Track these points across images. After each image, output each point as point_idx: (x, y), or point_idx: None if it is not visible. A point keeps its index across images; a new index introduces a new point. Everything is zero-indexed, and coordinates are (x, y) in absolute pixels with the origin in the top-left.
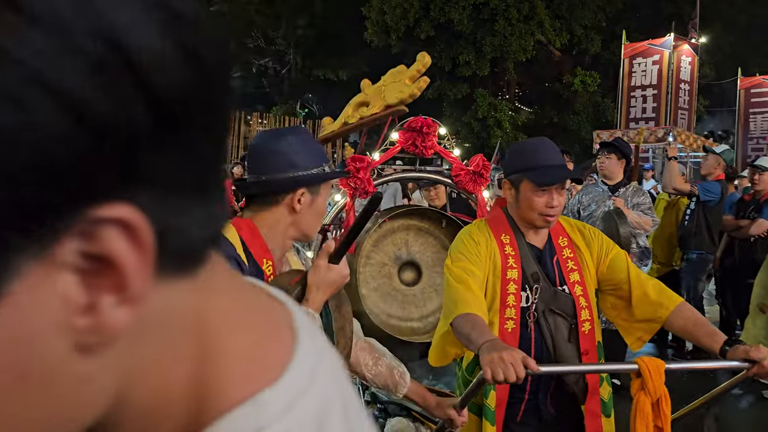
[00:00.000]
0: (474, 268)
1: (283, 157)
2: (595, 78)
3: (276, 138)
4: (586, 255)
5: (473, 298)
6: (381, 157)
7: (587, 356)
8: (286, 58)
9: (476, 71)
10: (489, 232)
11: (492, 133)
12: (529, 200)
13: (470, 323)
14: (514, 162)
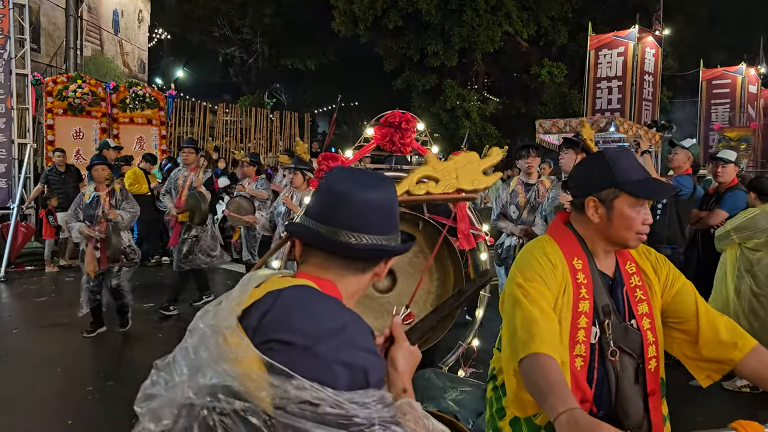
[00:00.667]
0: (549, 294)
1: (391, 217)
2: (561, 69)
3: (379, 188)
4: (654, 283)
5: (549, 327)
6: (355, 155)
7: (653, 397)
8: (252, 47)
9: (444, 62)
10: (561, 254)
11: (460, 124)
12: (627, 218)
13: (545, 374)
14: (604, 176)
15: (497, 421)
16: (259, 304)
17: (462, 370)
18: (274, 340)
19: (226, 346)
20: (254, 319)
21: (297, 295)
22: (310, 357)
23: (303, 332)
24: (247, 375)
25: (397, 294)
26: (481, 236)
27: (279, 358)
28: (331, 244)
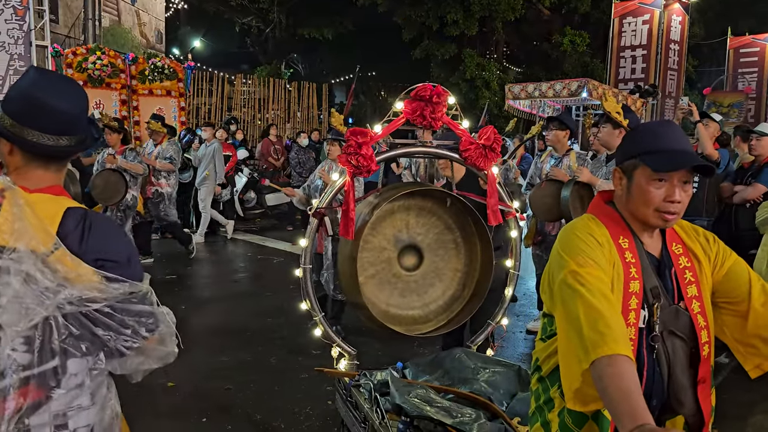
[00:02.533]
0: (606, 277)
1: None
2: (584, 38)
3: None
4: (704, 263)
5: (617, 319)
6: (384, 129)
7: (703, 385)
8: (269, 16)
9: (464, 31)
10: (607, 232)
11: (480, 94)
12: (643, 192)
13: (619, 383)
14: (630, 146)
15: (546, 414)
16: (65, 226)
17: (491, 349)
18: (103, 259)
19: (63, 266)
20: (74, 242)
21: (102, 223)
22: (127, 268)
23: (118, 252)
24: (98, 287)
25: (423, 272)
26: (511, 213)
27: (114, 271)
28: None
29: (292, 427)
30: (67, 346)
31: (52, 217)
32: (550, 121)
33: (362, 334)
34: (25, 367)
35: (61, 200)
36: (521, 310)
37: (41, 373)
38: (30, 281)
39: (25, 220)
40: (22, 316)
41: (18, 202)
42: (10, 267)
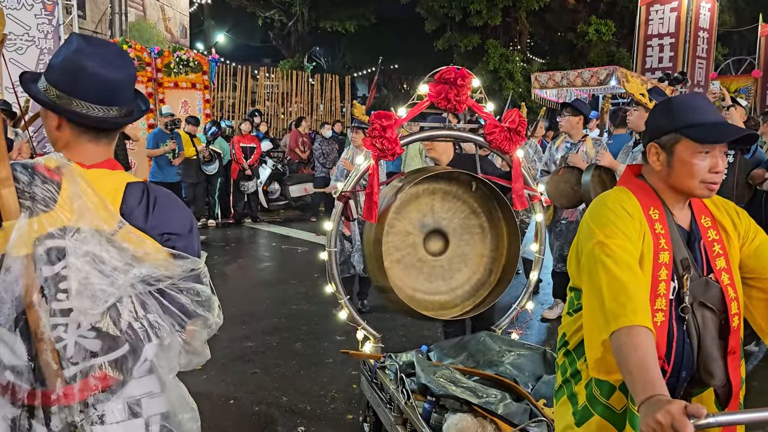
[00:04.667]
0: (634, 249)
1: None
2: (610, 26)
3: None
4: (733, 237)
5: (640, 291)
6: (408, 113)
7: (733, 356)
8: (292, 10)
9: (488, 21)
10: (637, 203)
11: (503, 85)
12: (688, 165)
13: (637, 354)
14: (666, 120)
15: (573, 386)
16: (128, 202)
17: (515, 333)
18: (168, 233)
19: (130, 245)
20: (139, 218)
21: (164, 196)
22: (189, 239)
23: (182, 224)
24: (164, 265)
25: (449, 257)
26: (536, 197)
27: (177, 245)
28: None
29: (318, 409)
30: (137, 329)
31: (114, 193)
32: (563, 107)
33: (386, 321)
34: (95, 353)
35: (120, 175)
36: (544, 299)
37: (113, 360)
38: (97, 262)
39: (85, 198)
40: (95, 299)
41: (76, 179)
42: (76, 248)
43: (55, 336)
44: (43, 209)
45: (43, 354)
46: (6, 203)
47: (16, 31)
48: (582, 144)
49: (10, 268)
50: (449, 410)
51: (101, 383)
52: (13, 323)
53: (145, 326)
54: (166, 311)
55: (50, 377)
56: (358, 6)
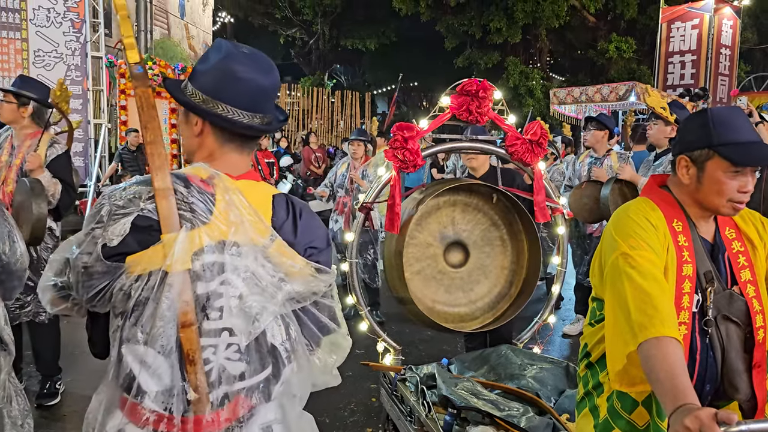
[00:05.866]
0: (659, 260)
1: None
2: (630, 44)
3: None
4: (759, 248)
5: (666, 302)
6: (430, 125)
7: (758, 370)
8: (313, 28)
9: (508, 39)
10: (661, 215)
11: (523, 102)
12: (718, 183)
13: (665, 363)
14: (700, 134)
15: (595, 398)
16: (277, 215)
17: (537, 347)
18: (310, 247)
19: (282, 259)
20: (288, 232)
21: (306, 208)
22: (328, 253)
23: (322, 238)
24: (307, 280)
25: (470, 269)
26: (558, 209)
27: (320, 258)
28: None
29: (336, 421)
30: (280, 351)
31: (263, 205)
32: (588, 122)
33: (405, 335)
34: (239, 376)
35: (264, 186)
36: (565, 314)
37: (256, 384)
38: (255, 278)
39: (240, 209)
40: (252, 318)
41: (229, 190)
42: (234, 263)
43: (204, 358)
44: (203, 222)
45: (193, 377)
46: (166, 215)
47: (44, 48)
48: (606, 158)
49: (173, 285)
50: (471, 423)
51: (244, 408)
52: (175, 344)
53: (287, 348)
54: (306, 331)
55: (198, 402)
56: (378, 24)
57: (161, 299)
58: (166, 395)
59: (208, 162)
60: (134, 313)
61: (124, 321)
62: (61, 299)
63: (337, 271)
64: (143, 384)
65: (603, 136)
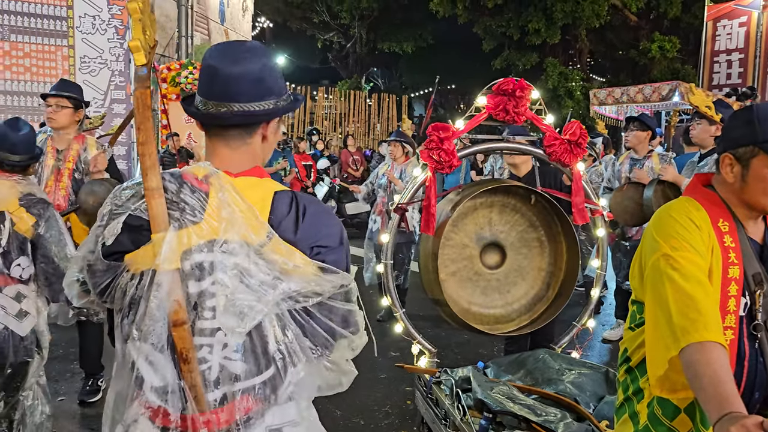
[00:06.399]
0: (702, 262)
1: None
2: (674, 43)
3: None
4: None
5: (710, 306)
6: (466, 125)
7: None
8: (350, 32)
9: (546, 39)
10: (706, 215)
11: (563, 104)
12: (764, 181)
13: (709, 369)
14: (745, 131)
15: (635, 404)
16: (277, 212)
17: (576, 351)
18: (319, 245)
19: (278, 257)
20: (288, 230)
21: (313, 205)
22: (339, 252)
23: (332, 236)
24: (314, 280)
25: (506, 271)
26: (598, 211)
27: (328, 258)
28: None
29: (371, 423)
30: (282, 352)
31: (261, 202)
32: (630, 122)
33: (441, 338)
34: (240, 377)
35: (267, 183)
36: (605, 319)
37: (258, 384)
38: (245, 275)
39: (234, 207)
40: (241, 316)
41: (224, 187)
42: (224, 262)
43: (200, 357)
44: (192, 221)
45: (188, 376)
46: (155, 214)
47: (90, 54)
48: (648, 159)
49: (162, 284)
50: (507, 428)
51: (245, 410)
52: (166, 342)
53: (291, 349)
54: (309, 333)
55: (195, 401)
56: (415, 27)
57: (150, 298)
58: (162, 392)
59: (210, 159)
60: (131, 311)
61: (122, 318)
62: (84, 293)
63: (371, 272)
64: (146, 378)
65: (645, 137)
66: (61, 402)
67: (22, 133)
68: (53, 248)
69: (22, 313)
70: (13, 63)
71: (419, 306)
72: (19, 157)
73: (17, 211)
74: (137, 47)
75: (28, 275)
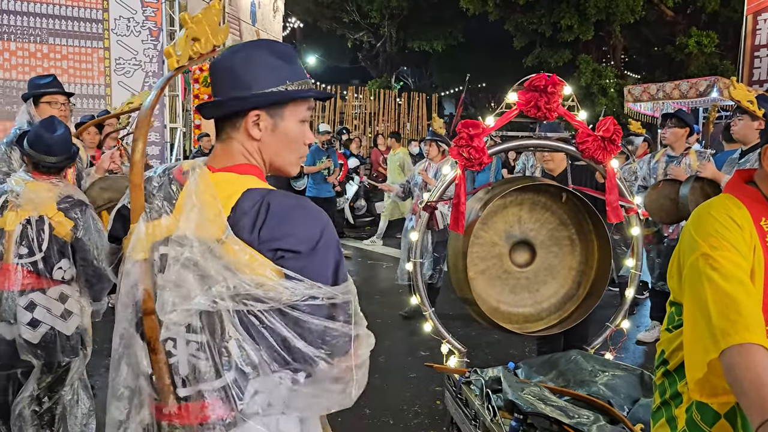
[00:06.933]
0: (744, 262)
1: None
2: (712, 38)
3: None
4: None
5: (752, 307)
6: (497, 122)
7: None
8: (380, 31)
9: (579, 36)
10: (747, 213)
11: (596, 101)
12: None
13: (750, 372)
14: None
15: (673, 409)
16: (238, 210)
17: (609, 353)
18: (282, 249)
19: (230, 256)
20: (245, 229)
21: (283, 204)
22: (312, 260)
23: (301, 241)
24: (264, 284)
25: (536, 269)
26: (632, 209)
27: (291, 265)
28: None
29: (400, 423)
30: (240, 358)
31: (227, 199)
32: (667, 118)
33: (471, 338)
34: (204, 377)
35: (245, 180)
36: (641, 320)
37: (220, 388)
38: (190, 267)
39: (196, 202)
40: (176, 305)
41: (194, 182)
42: (178, 255)
43: (167, 350)
44: (160, 213)
45: (156, 366)
46: (134, 206)
47: (124, 56)
48: (685, 157)
49: (130, 273)
50: (537, 429)
51: (215, 411)
52: (135, 328)
53: (250, 359)
54: (261, 341)
55: (162, 392)
56: (445, 25)
57: (121, 285)
58: (143, 377)
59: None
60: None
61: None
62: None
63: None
64: (135, 360)
65: (683, 134)
66: (96, 396)
67: (57, 134)
68: (92, 250)
69: (66, 313)
70: (52, 65)
71: (449, 305)
72: (56, 159)
73: (56, 215)
74: (168, 54)
75: (70, 276)
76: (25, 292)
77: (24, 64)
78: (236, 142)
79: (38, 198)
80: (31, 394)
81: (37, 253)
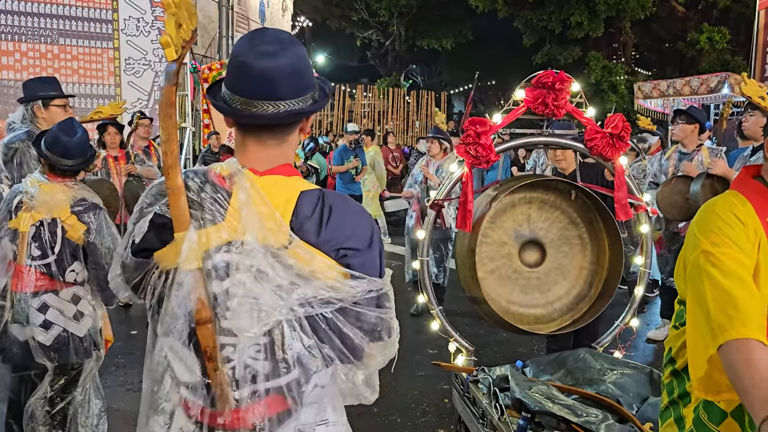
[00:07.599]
0: (747, 260)
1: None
2: (724, 34)
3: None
4: None
5: (751, 303)
6: (504, 119)
7: None
8: (389, 29)
9: (589, 33)
10: (752, 209)
11: (606, 98)
12: None
13: (750, 368)
14: None
15: (681, 408)
16: (300, 214)
17: (619, 351)
18: (345, 248)
19: (299, 263)
20: (311, 232)
21: (341, 205)
22: (370, 255)
23: (360, 238)
24: (336, 287)
25: (546, 269)
26: (641, 206)
27: (353, 262)
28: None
29: (408, 421)
30: (305, 356)
31: (285, 203)
32: (677, 115)
33: (479, 336)
34: (265, 377)
35: (294, 182)
36: (651, 318)
37: (283, 385)
38: (262, 279)
39: (253, 207)
40: (255, 319)
41: (246, 187)
42: (241, 262)
43: (224, 356)
44: (212, 220)
45: (213, 374)
46: (177, 213)
47: (134, 56)
48: (697, 153)
49: (182, 283)
50: (545, 428)
51: (271, 409)
52: (187, 338)
53: (312, 354)
54: (328, 340)
55: (220, 398)
56: (454, 23)
57: (172, 296)
58: (192, 387)
59: (238, 156)
60: (159, 309)
61: (153, 314)
62: (126, 287)
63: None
64: (177, 373)
65: (692, 131)
66: (105, 395)
67: (76, 137)
68: (104, 254)
69: (79, 314)
70: (62, 66)
71: (457, 303)
72: (72, 162)
73: (69, 218)
74: (167, 43)
75: (82, 278)
76: (37, 294)
77: (35, 65)
78: (286, 144)
79: (52, 200)
80: (43, 395)
81: (50, 255)
